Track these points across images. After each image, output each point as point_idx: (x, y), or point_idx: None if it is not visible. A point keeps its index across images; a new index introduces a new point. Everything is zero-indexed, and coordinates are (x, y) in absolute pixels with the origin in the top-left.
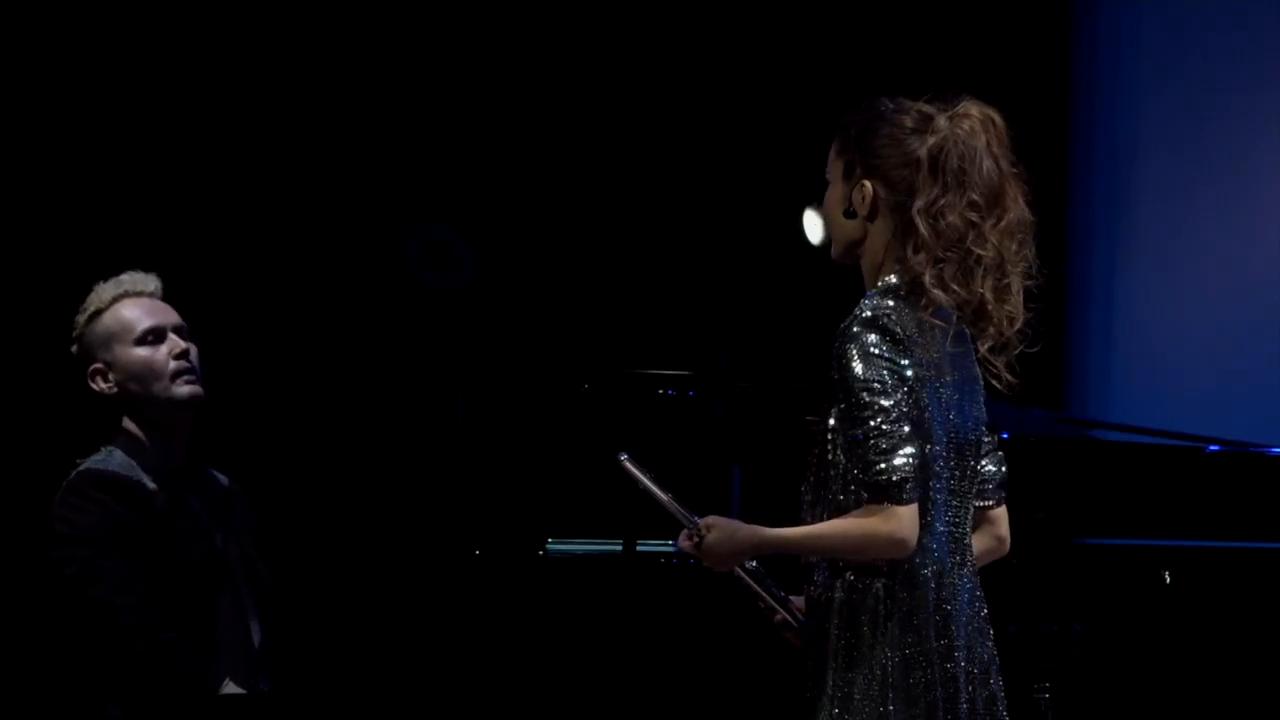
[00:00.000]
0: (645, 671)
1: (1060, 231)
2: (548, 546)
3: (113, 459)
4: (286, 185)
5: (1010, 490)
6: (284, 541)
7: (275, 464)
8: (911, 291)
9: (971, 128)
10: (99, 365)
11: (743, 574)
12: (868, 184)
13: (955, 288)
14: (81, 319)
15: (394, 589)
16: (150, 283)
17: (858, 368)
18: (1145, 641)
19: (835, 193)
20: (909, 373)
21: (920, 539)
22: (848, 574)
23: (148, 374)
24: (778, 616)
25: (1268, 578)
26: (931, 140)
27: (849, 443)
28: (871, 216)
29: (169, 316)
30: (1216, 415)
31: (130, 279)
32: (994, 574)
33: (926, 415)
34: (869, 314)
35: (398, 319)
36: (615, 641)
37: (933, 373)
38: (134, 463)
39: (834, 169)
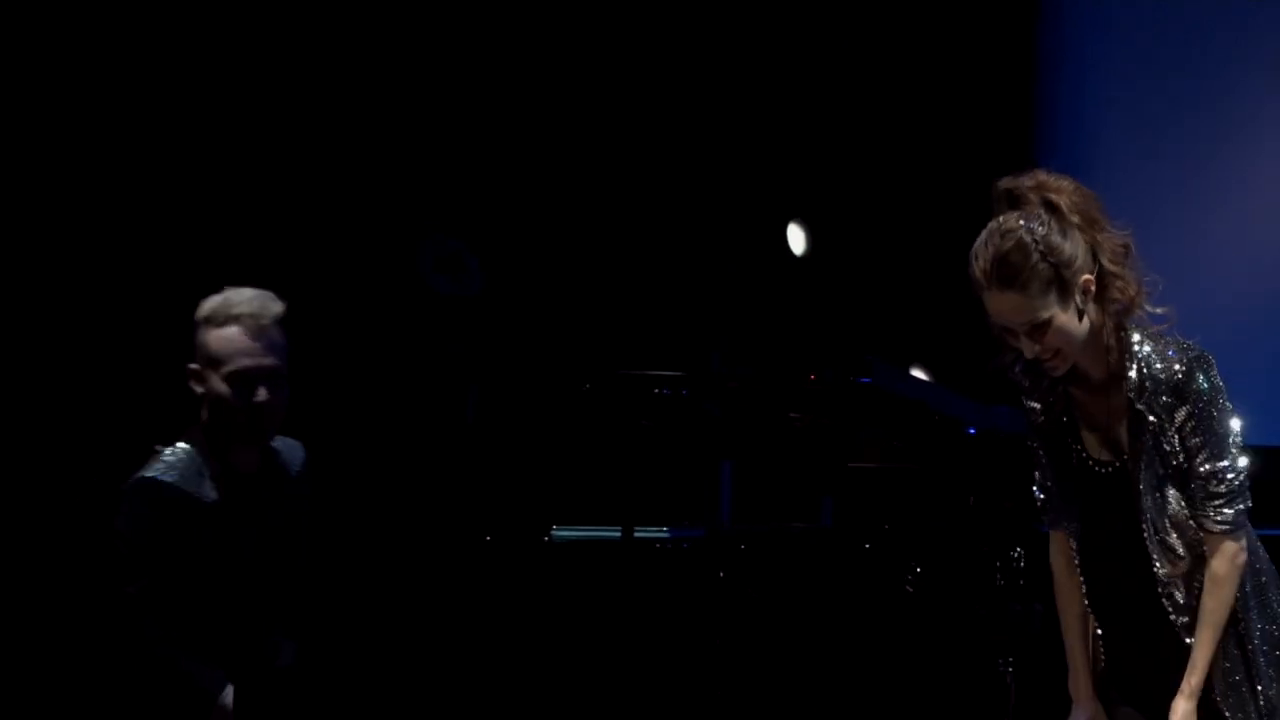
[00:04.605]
0: (642, 646)
1: None
2: (552, 532)
3: (178, 466)
4: (309, 197)
5: (984, 482)
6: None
7: None
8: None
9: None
10: (195, 367)
11: None
12: (1087, 277)
13: None
14: (201, 314)
15: (408, 573)
16: (270, 309)
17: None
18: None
19: (1068, 319)
20: None
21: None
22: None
23: (225, 410)
24: None
25: None
26: (1064, 215)
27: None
28: (1091, 300)
29: (265, 359)
30: None
31: (250, 303)
32: (967, 562)
33: None
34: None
35: (413, 323)
36: (614, 618)
37: None
38: (202, 465)
39: (1047, 305)
